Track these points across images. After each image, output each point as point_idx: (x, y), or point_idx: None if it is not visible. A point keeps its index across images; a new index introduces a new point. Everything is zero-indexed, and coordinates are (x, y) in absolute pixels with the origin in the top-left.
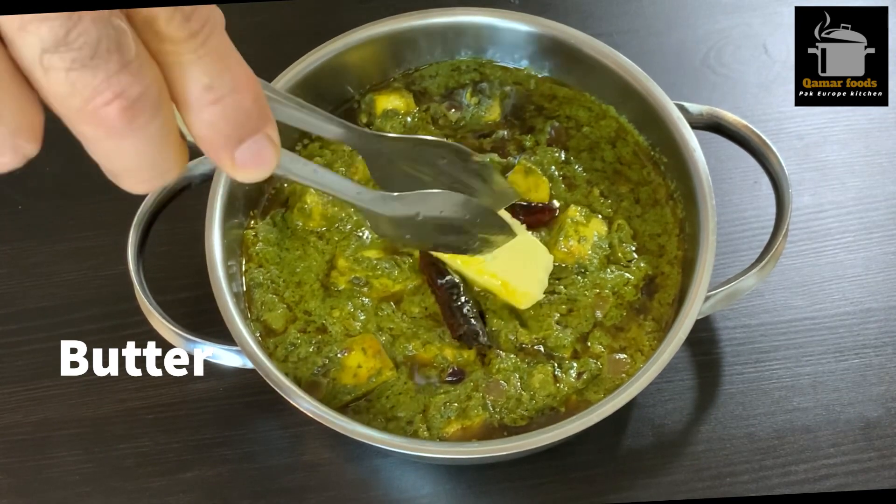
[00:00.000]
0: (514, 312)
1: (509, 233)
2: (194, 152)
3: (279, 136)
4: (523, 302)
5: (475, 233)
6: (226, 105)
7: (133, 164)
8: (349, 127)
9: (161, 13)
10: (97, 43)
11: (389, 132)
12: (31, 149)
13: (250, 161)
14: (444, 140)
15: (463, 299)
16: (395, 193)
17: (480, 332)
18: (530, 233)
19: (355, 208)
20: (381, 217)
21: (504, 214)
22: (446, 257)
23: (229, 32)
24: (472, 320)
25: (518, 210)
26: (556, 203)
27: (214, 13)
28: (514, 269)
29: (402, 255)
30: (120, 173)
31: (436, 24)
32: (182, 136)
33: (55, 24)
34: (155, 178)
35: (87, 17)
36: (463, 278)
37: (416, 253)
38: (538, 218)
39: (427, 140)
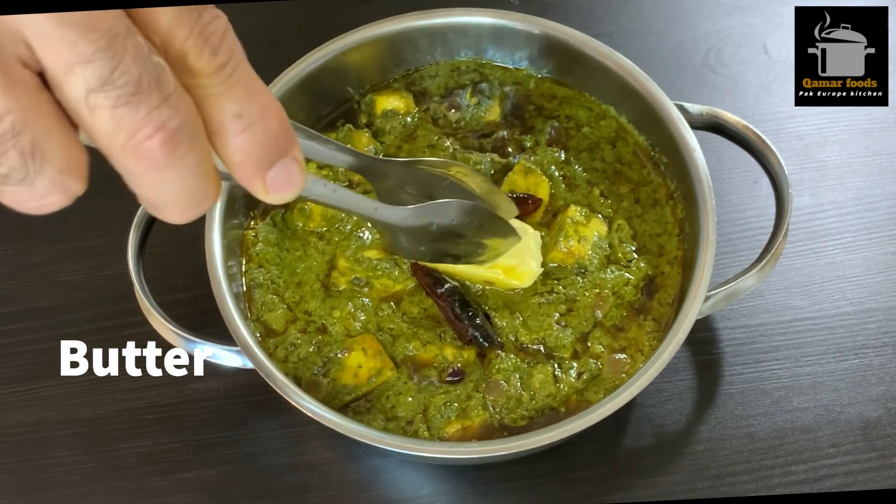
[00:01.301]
0: (513, 309)
1: (515, 236)
2: None
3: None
4: (526, 279)
5: (484, 239)
6: (256, 131)
7: (174, 194)
8: (357, 154)
9: (191, 49)
10: (139, 80)
11: (389, 134)
12: (78, 188)
13: (281, 184)
14: (449, 161)
15: (466, 303)
16: (410, 206)
17: (490, 334)
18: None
19: (373, 224)
20: (398, 231)
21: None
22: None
23: None
24: (479, 322)
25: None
26: (541, 196)
27: (237, 44)
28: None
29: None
30: (162, 204)
31: (436, 24)
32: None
33: (100, 65)
34: (195, 207)
35: (129, 56)
36: (461, 281)
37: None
38: (523, 210)
39: (432, 161)
